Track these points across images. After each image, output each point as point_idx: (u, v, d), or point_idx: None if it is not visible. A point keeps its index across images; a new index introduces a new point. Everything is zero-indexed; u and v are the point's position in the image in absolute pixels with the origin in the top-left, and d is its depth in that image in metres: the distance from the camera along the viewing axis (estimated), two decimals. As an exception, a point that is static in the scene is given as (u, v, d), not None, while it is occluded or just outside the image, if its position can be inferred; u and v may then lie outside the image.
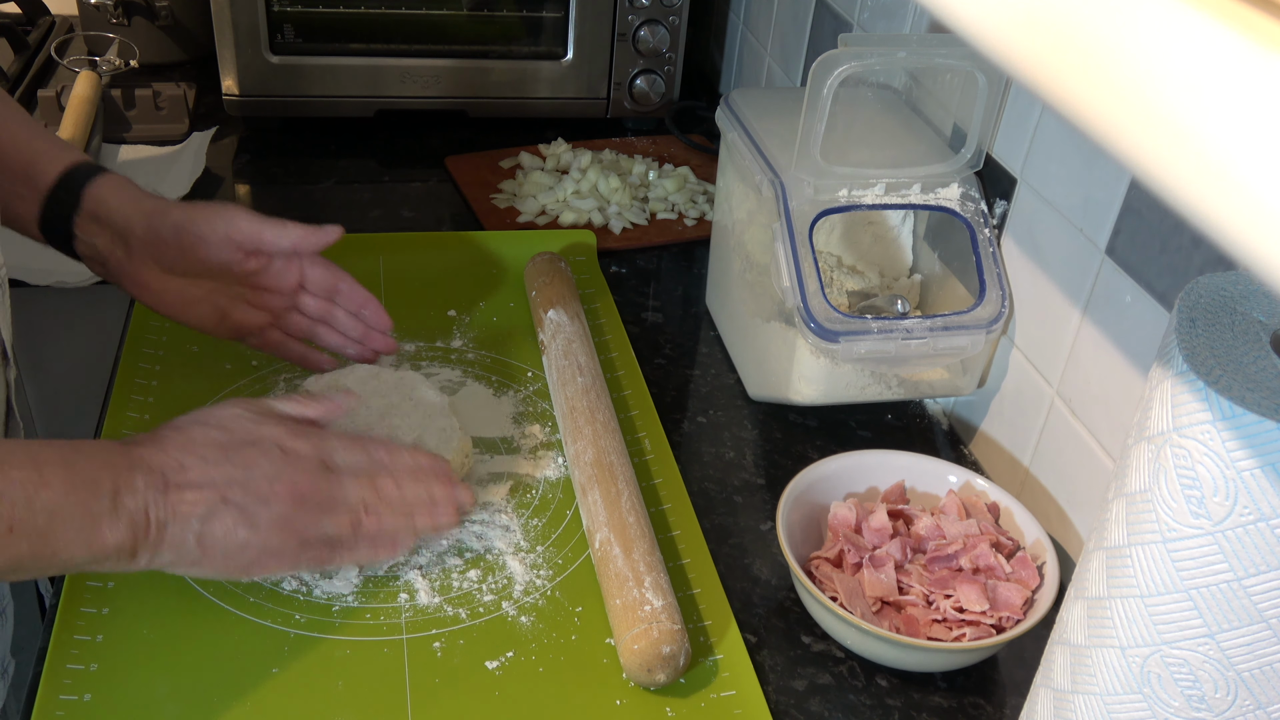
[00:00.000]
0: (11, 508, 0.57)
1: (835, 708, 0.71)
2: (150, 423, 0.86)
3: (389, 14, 1.27)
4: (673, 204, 1.23)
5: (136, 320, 0.96)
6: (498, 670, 0.69)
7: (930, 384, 0.93)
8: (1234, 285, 0.52)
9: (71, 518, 0.59)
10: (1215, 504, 0.46)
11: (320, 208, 1.20)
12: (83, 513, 0.60)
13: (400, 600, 0.73)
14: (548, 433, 0.89)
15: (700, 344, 1.04)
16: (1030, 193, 0.85)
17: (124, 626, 0.70)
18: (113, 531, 0.61)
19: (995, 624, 0.71)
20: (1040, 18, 0.27)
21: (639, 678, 0.68)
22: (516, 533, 0.79)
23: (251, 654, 0.69)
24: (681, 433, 0.92)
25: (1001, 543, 0.75)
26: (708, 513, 0.84)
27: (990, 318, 0.86)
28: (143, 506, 0.62)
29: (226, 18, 1.22)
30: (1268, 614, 0.47)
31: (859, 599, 0.72)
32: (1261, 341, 0.49)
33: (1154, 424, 0.49)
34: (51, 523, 0.59)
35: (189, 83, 1.37)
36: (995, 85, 0.86)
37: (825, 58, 0.81)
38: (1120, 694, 0.52)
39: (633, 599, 0.69)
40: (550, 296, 0.97)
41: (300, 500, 0.67)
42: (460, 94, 1.32)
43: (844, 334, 0.83)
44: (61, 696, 0.65)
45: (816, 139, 0.84)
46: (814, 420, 0.95)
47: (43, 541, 0.59)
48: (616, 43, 1.31)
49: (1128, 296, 0.74)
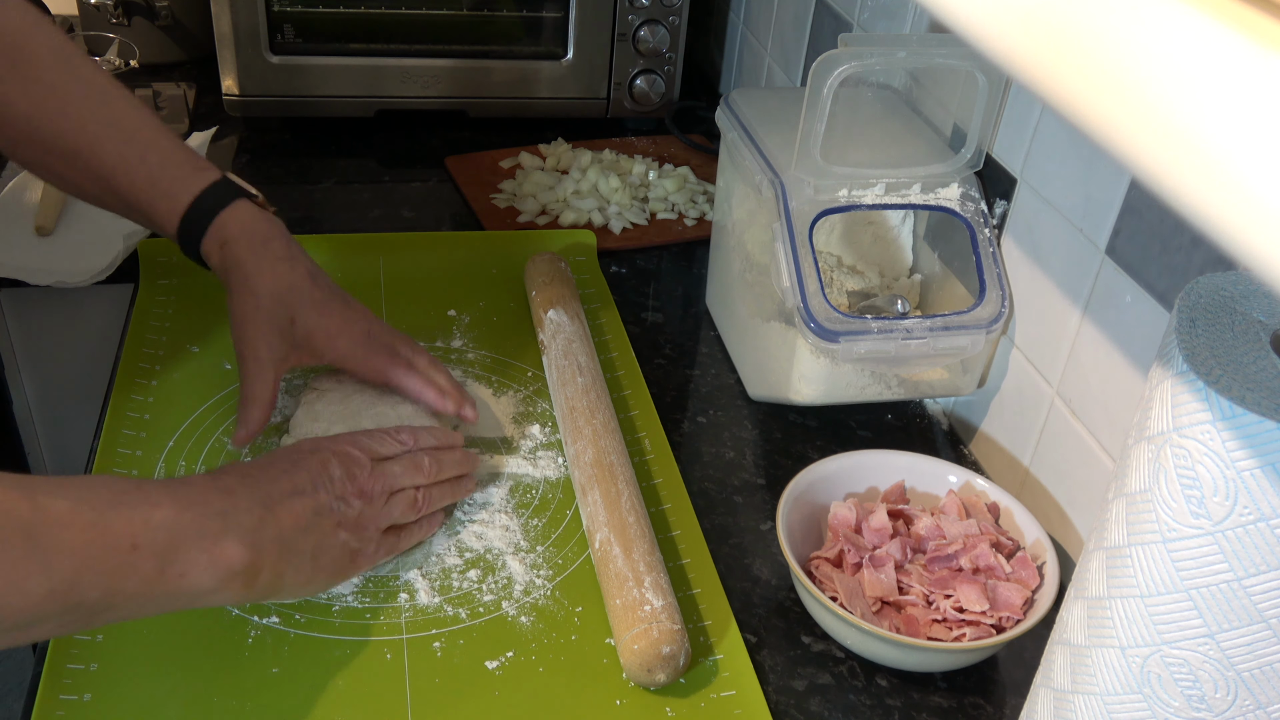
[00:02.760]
0: (130, 524, 0.57)
1: (835, 708, 0.71)
2: (150, 423, 0.86)
3: (389, 14, 1.27)
4: (673, 204, 1.23)
5: (136, 320, 0.96)
6: (498, 670, 0.69)
7: (930, 384, 0.93)
8: (1234, 285, 0.52)
9: (189, 534, 0.59)
10: (1215, 504, 0.46)
11: (320, 208, 1.20)
12: (200, 531, 0.59)
13: (400, 600, 0.73)
14: (548, 433, 0.89)
15: (700, 344, 1.04)
16: (1030, 193, 0.85)
17: (124, 626, 0.70)
18: (233, 548, 0.60)
19: (995, 624, 0.71)
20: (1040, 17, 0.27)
21: (639, 678, 0.68)
22: (516, 533, 0.79)
23: (251, 654, 0.69)
24: (681, 433, 0.92)
25: (1001, 543, 0.75)
26: (708, 513, 0.84)
27: (990, 318, 0.86)
28: (255, 524, 0.62)
29: (226, 18, 1.22)
30: (1268, 614, 0.47)
31: (859, 599, 0.72)
32: (1261, 341, 0.49)
33: (1154, 424, 0.49)
34: (172, 540, 0.58)
35: (189, 83, 1.37)
36: (995, 85, 0.86)
37: (825, 58, 0.81)
38: (1120, 694, 0.52)
39: (633, 599, 0.69)
40: (550, 296, 0.97)
41: (370, 496, 0.70)
42: (460, 94, 1.32)
43: (844, 334, 0.83)
44: (61, 696, 0.65)
45: (816, 139, 0.84)
46: (814, 420, 0.95)
47: (166, 560, 0.57)
48: (616, 43, 1.31)
49: (1128, 296, 0.74)
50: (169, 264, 1.00)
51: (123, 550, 0.56)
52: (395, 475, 0.72)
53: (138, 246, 1.03)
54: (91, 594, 0.55)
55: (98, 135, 0.80)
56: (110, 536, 0.56)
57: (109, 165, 0.80)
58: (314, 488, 0.67)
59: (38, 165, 0.84)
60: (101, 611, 0.56)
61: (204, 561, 0.59)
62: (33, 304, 1.12)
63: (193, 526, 0.59)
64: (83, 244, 1.07)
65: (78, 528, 0.54)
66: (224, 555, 0.60)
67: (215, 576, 0.60)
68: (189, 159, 0.83)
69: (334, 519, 0.67)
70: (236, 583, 0.61)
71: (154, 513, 0.58)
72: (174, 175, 0.81)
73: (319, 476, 0.68)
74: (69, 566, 0.54)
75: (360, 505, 0.69)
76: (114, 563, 0.56)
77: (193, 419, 0.87)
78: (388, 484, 0.71)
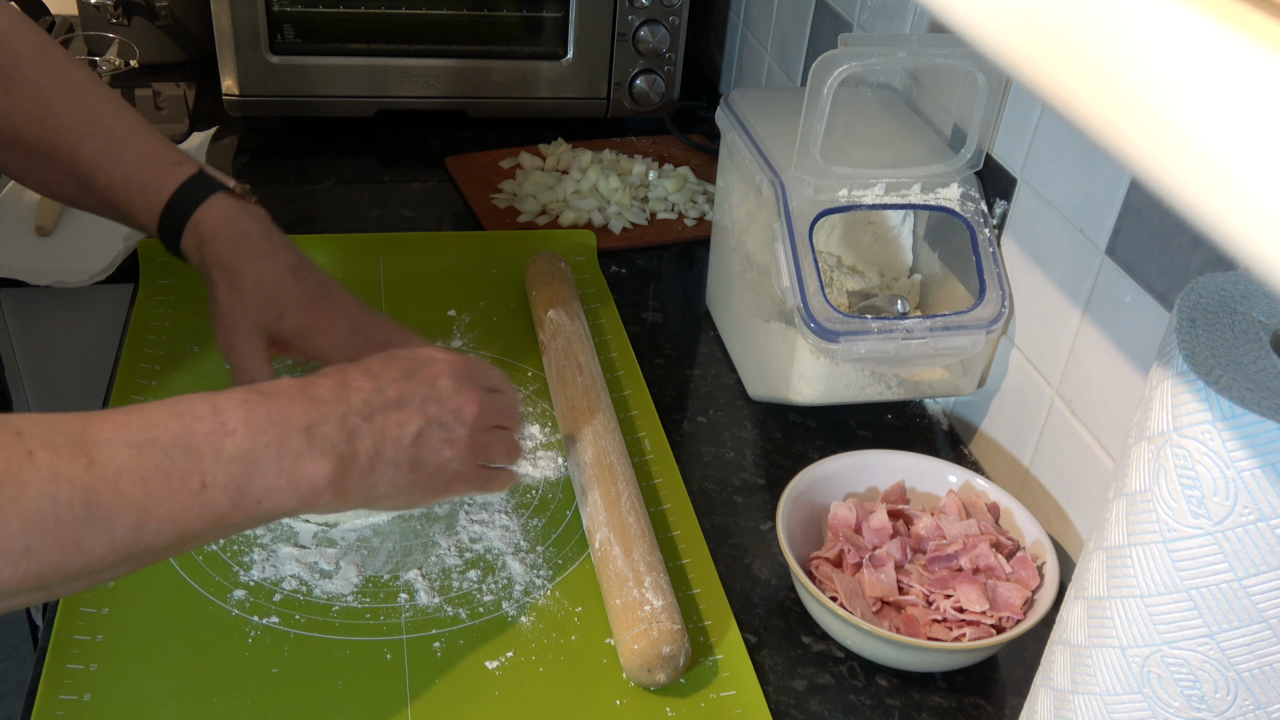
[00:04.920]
0: (199, 460, 0.54)
1: (835, 708, 0.71)
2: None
3: (389, 14, 1.27)
4: (673, 204, 1.23)
5: (136, 320, 0.96)
6: (498, 670, 0.69)
7: (930, 384, 0.93)
8: (1234, 285, 0.52)
9: (266, 460, 0.56)
10: (1215, 504, 0.46)
11: (320, 208, 1.20)
12: (278, 453, 0.57)
13: (400, 600, 0.73)
14: (548, 433, 0.89)
15: (700, 344, 1.04)
16: (1030, 193, 0.85)
17: (124, 626, 0.70)
18: (315, 465, 0.58)
19: (995, 624, 0.71)
20: (1039, 18, 0.27)
21: (639, 678, 0.68)
22: (516, 533, 0.79)
23: (251, 654, 0.69)
24: (681, 433, 0.92)
25: (1001, 543, 0.75)
26: (708, 513, 0.84)
27: (990, 318, 0.86)
28: (346, 435, 0.59)
29: (226, 18, 1.22)
30: (1268, 614, 0.47)
31: (859, 599, 0.72)
32: (1261, 341, 0.49)
33: (1154, 424, 0.49)
34: (246, 471, 0.55)
35: (189, 83, 1.37)
36: (995, 85, 0.86)
37: (825, 58, 0.81)
38: (1120, 694, 0.52)
39: (633, 599, 0.69)
40: (550, 296, 0.97)
41: (482, 414, 0.67)
42: (460, 94, 1.32)
43: (844, 334, 0.83)
44: (61, 696, 0.65)
45: (816, 139, 0.84)
46: (814, 420, 0.95)
47: (241, 492, 0.55)
48: (616, 43, 1.31)
49: (1128, 296, 0.74)
50: (169, 264, 1.00)
51: (191, 491, 0.53)
52: (500, 410, 0.69)
53: (138, 246, 1.03)
54: (160, 539, 0.53)
55: (77, 133, 0.79)
56: (175, 480, 0.53)
57: (87, 164, 0.79)
58: (424, 400, 0.64)
59: (20, 170, 0.82)
60: (173, 548, 0.54)
61: (283, 485, 0.57)
62: (33, 304, 1.12)
63: (269, 450, 0.56)
64: (83, 244, 1.07)
65: (139, 478, 0.52)
66: (305, 475, 0.57)
67: (296, 497, 0.58)
68: (165, 153, 0.80)
69: (440, 435, 0.64)
70: (323, 498, 0.59)
71: (225, 442, 0.55)
72: (150, 171, 0.79)
73: (432, 389, 0.65)
74: (131, 520, 0.51)
75: (472, 423, 0.66)
76: (182, 506, 0.53)
77: (193, 419, 0.87)
78: (496, 413, 0.68)
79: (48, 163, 0.80)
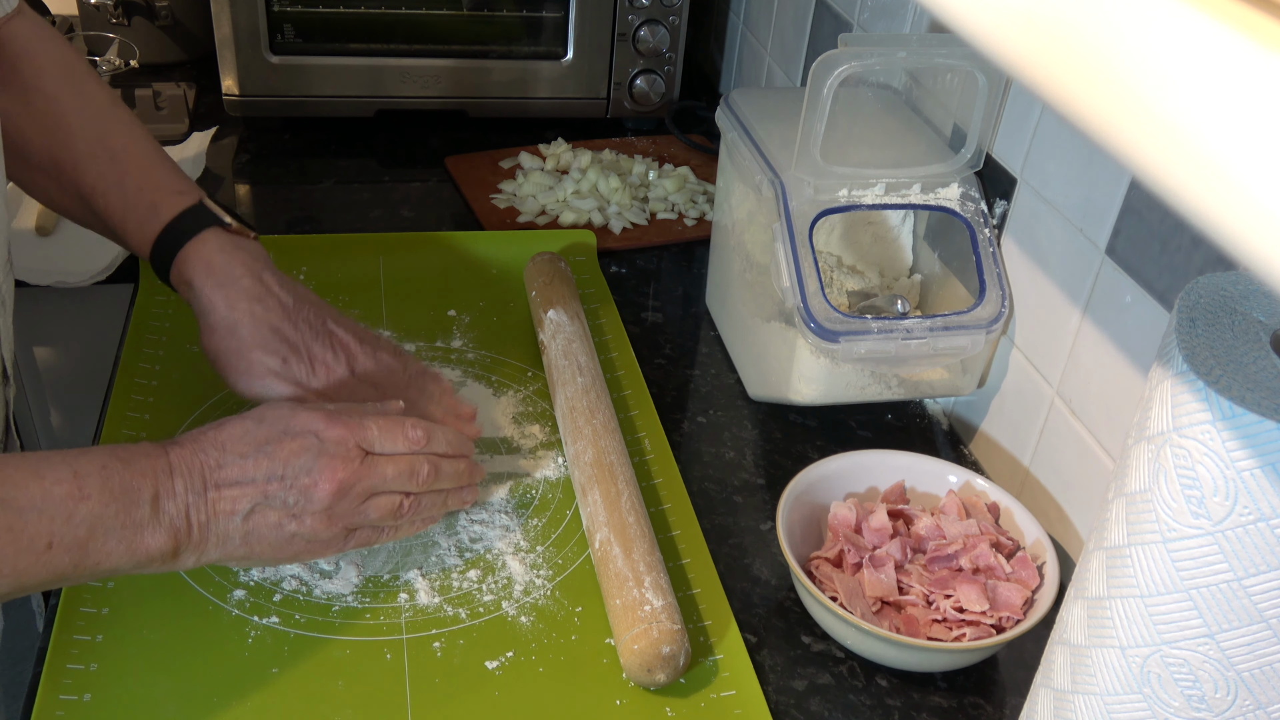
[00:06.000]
0: (50, 523, 0.57)
1: (835, 708, 0.71)
2: (150, 423, 0.86)
3: (389, 14, 1.27)
4: (673, 204, 1.23)
5: (136, 320, 0.96)
6: (498, 670, 0.69)
7: (930, 384, 0.93)
8: (1234, 285, 0.52)
9: (112, 529, 0.59)
10: (1215, 504, 0.46)
11: (320, 208, 1.20)
12: (123, 522, 0.60)
13: (400, 600, 0.73)
14: (548, 433, 0.89)
15: (700, 344, 1.04)
16: (1030, 193, 0.85)
17: (124, 626, 0.70)
18: (154, 537, 0.61)
19: (995, 624, 0.71)
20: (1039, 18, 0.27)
21: (639, 678, 0.68)
22: (516, 533, 0.79)
23: (251, 654, 0.69)
24: (681, 433, 0.92)
25: (1001, 543, 0.75)
26: (708, 513, 0.84)
27: (990, 318, 0.86)
28: (183, 510, 0.62)
29: (226, 18, 1.22)
30: (1268, 614, 0.47)
31: (859, 599, 0.72)
32: (1261, 341, 0.49)
33: (1154, 424, 0.49)
34: (92, 534, 0.59)
35: (189, 83, 1.37)
36: (995, 85, 0.86)
37: (825, 58, 0.81)
38: (1120, 694, 0.52)
39: (633, 599, 0.69)
40: (550, 296, 0.97)
41: (342, 491, 0.67)
42: (460, 94, 1.32)
43: (844, 334, 0.83)
44: (61, 696, 0.65)
45: (816, 139, 0.84)
46: (814, 420, 0.95)
47: (83, 553, 0.58)
48: (616, 43, 1.31)
49: (1128, 296, 0.74)
50: (169, 264, 1.00)
51: (37, 551, 0.57)
52: (384, 477, 0.69)
53: (138, 246, 1.03)
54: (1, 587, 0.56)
55: (85, 154, 0.79)
56: (24, 539, 0.56)
57: (89, 185, 0.79)
58: (266, 478, 0.65)
59: (25, 179, 0.82)
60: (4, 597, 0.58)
61: (122, 551, 0.60)
62: (33, 304, 1.12)
63: (116, 519, 0.59)
64: (83, 244, 1.07)
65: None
66: (143, 545, 0.61)
67: (133, 562, 0.61)
68: (167, 182, 0.80)
69: (281, 512, 0.65)
70: (155, 564, 0.62)
71: (79, 507, 0.58)
72: (146, 202, 0.78)
73: (283, 466, 0.65)
74: None
75: (327, 500, 0.66)
76: (26, 563, 0.57)
77: (193, 419, 0.87)
78: (371, 485, 0.68)
79: (53, 177, 0.80)
